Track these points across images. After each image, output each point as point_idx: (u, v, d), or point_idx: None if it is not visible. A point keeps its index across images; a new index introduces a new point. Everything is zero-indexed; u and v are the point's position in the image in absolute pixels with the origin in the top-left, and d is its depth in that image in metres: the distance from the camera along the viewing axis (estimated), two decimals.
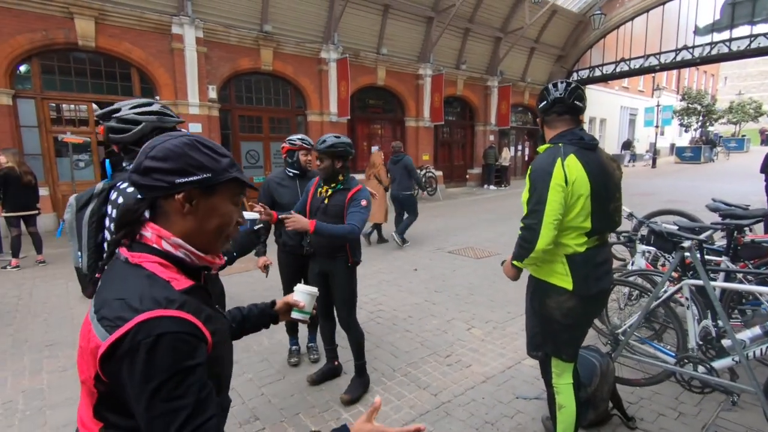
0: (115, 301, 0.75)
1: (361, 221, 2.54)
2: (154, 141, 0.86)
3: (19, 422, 2.63)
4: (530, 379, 3.05)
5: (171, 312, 0.73)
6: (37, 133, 8.55)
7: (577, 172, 1.80)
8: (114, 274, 0.81)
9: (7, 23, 7.79)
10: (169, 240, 0.83)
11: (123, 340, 0.71)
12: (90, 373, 0.75)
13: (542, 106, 1.99)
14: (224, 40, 10.26)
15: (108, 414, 0.78)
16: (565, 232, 1.85)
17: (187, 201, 0.84)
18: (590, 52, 19.39)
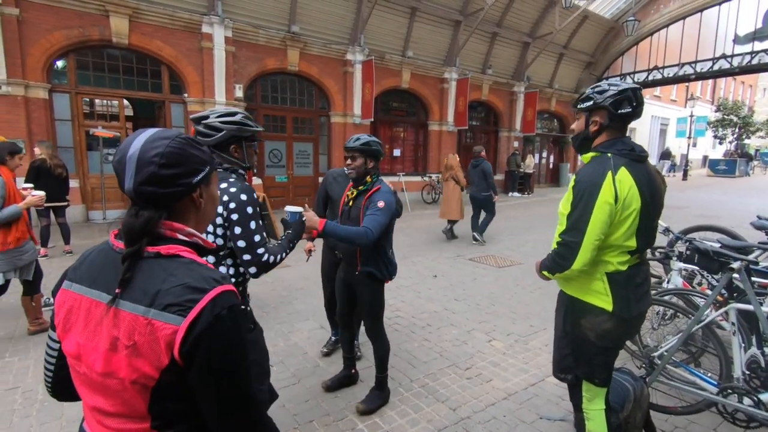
0: (175, 289, 0.77)
1: (376, 224, 2.29)
2: (149, 148, 0.83)
3: (36, 412, 2.65)
4: (554, 398, 2.90)
5: (229, 287, 0.81)
6: (70, 126, 8.81)
7: (628, 189, 1.65)
8: (151, 269, 0.81)
9: (46, 20, 8.06)
10: (183, 231, 0.87)
11: (199, 319, 0.75)
12: (158, 365, 0.75)
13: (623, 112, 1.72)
14: (252, 40, 10.38)
15: (164, 405, 0.79)
16: (607, 250, 1.72)
17: (200, 196, 0.91)
18: (621, 59, 18.88)
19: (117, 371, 0.77)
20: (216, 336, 0.76)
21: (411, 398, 2.88)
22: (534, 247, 7.69)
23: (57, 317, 0.87)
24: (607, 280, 1.74)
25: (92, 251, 0.92)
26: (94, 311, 0.81)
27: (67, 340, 0.85)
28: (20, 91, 7.89)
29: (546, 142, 19.92)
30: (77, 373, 0.85)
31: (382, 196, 2.43)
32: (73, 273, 0.89)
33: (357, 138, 2.52)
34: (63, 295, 0.88)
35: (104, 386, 0.80)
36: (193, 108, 9.84)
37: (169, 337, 0.74)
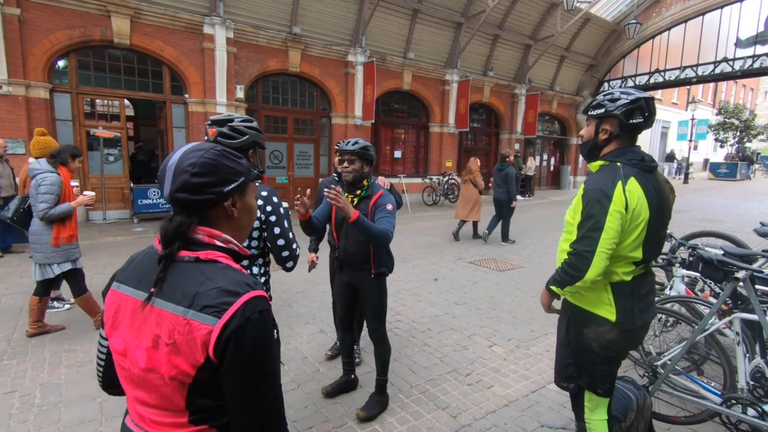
0: (211, 291, 0.82)
1: (392, 225, 2.43)
2: (185, 158, 0.90)
3: (34, 417, 2.62)
4: (556, 406, 2.88)
5: (261, 292, 0.86)
6: (71, 126, 8.80)
7: (638, 199, 1.62)
8: (191, 272, 0.86)
9: (48, 19, 8.05)
10: (220, 238, 0.92)
11: (232, 320, 0.80)
12: (194, 362, 0.80)
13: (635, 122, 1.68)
14: (253, 41, 10.37)
15: (201, 400, 0.84)
16: (613, 260, 1.69)
17: (232, 205, 0.94)
18: (623, 62, 18.85)
19: (158, 367, 0.83)
20: (246, 336, 0.81)
21: (411, 405, 2.86)
22: (534, 250, 7.67)
23: (106, 316, 0.94)
24: (611, 290, 1.72)
25: (139, 254, 0.98)
26: (139, 312, 0.87)
27: (115, 337, 0.91)
28: (21, 91, 7.88)
29: (547, 145, 19.90)
30: (121, 368, 0.92)
31: (389, 199, 2.54)
32: (121, 274, 0.96)
33: (354, 141, 2.50)
34: (112, 295, 0.94)
35: (146, 381, 0.86)
36: (194, 109, 9.83)
37: (205, 336, 0.80)
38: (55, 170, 3.57)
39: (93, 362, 3.30)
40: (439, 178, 14.03)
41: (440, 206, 13.57)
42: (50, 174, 3.51)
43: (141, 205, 9.09)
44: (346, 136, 12.21)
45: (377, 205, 2.51)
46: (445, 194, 13.87)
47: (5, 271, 5.53)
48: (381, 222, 2.42)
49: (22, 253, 6.42)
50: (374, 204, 2.52)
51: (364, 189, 2.56)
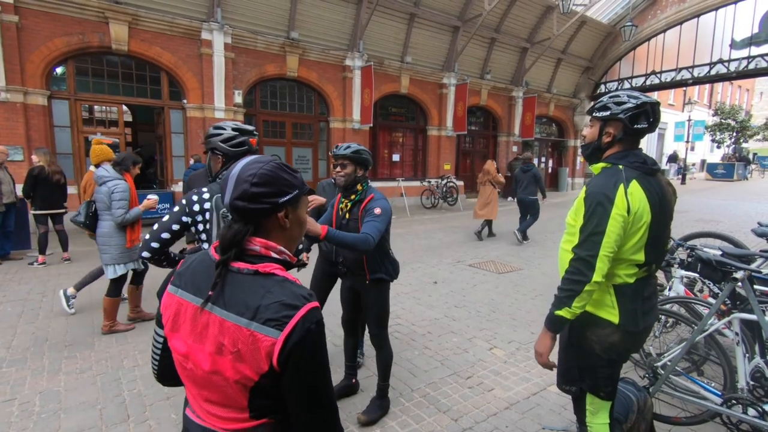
0: (272, 305, 0.88)
1: (375, 230, 2.29)
2: (247, 169, 0.96)
3: (33, 425, 2.61)
4: (557, 408, 2.88)
5: (316, 303, 0.92)
6: (69, 133, 8.81)
7: (640, 202, 1.62)
8: (251, 285, 0.91)
9: (46, 26, 8.07)
10: (275, 249, 0.97)
11: (293, 332, 0.86)
12: (258, 370, 0.87)
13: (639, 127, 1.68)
14: (251, 46, 10.41)
15: (261, 401, 0.92)
16: (617, 263, 1.69)
17: (285, 216, 0.99)
18: (619, 64, 18.96)
19: (223, 371, 0.90)
20: (306, 346, 0.88)
21: (412, 408, 2.86)
22: (534, 252, 7.68)
23: (164, 317, 1.00)
24: (614, 293, 1.72)
25: (194, 260, 1.03)
26: (199, 317, 0.93)
27: (176, 339, 0.97)
28: (19, 98, 7.89)
29: (545, 147, 19.96)
30: (183, 368, 0.98)
31: (378, 204, 2.44)
32: (178, 279, 1.01)
33: (347, 146, 2.47)
34: (169, 298, 1.00)
35: (210, 382, 0.93)
36: (192, 114, 9.84)
37: (268, 348, 0.86)
38: (122, 177, 3.85)
39: (92, 369, 3.30)
40: (438, 181, 14.04)
41: (439, 209, 13.59)
42: (120, 181, 3.80)
43: None
44: (344, 140, 12.24)
45: (366, 209, 2.44)
46: (443, 197, 13.88)
47: (3, 278, 5.51)
48: (366, 225, 2.33)
49: (20, 260, 6.40)
50: (364, 208, 2.46)
51: (359, 193, 2.53)
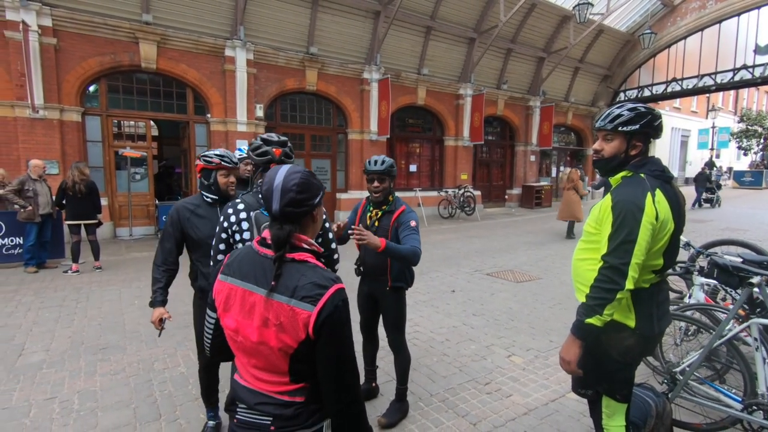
0: (307, 285, 1.09)
1: (418, 242, 2.44)
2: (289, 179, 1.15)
3: (73, 422, 2.77)
4: (576, 414, 2.89)
5: (342, 285, 1.14)
6: (100, 147, 9.24)
7: (665, 210, 1.67)
8: (290, 270, 1.12)
9: (82, 47, 8.55)
10: (307, 242, 1.18)
11: (325, 307, 1.07)
12: (297, 338, 1.08)
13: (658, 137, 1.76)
14: (272, 62, 10.75)
15: (298, 365, 1.12)
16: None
17: (316, 213, 1.22)
18: (639, 72, 18.76)
19: (268, 341, 1.11)
20: (335, 318, 1.08)
21: (431, 412, 2.91)
22: (552, 261, 7.63)
23: (217, 300, 1.22)
24: (630, 298, 1.75)
25: (239, 253, 1.24)
26: (248, 298, 1.14)
27: (227, 317, 1.18)
28: (56, 115, 8.35)
29: (563, 156, 19.80)
30: (234, 341, 1.19)
31: (411, 216, 2.57)
32: (227, 269, 1.21)
33: (383, 161, 2.58)
34: (220, 284, 1.21)
35: (257, 351, 1.14)
36: (215, 128, 10.19)
37: (305, 319, 1.07)
38: None
39: (125, 371, 3.46)
40: (455, 191, 14.08)
41: (456, 219, 13.60)
42: None
43: (165, 221, 9.39)
44: (362, 152, 12.44)
45: (400, 222, 2.55)
46: (461, 207, 13.89)
47: (40, 286, 5.80)
48: (407, 240, 2.44)
49: (55, 268, 6.72)
50: (396, 219, 2.57)
51: (389, 204, 2.65)
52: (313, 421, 1.15)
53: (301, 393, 1.15)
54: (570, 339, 1.79)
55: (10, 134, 8.07)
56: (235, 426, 1.21)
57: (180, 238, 2.40)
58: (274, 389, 1.16)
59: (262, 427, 1.15)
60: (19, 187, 6.32)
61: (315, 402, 1.15)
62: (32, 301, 5.13)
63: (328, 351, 1.10)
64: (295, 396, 1.15)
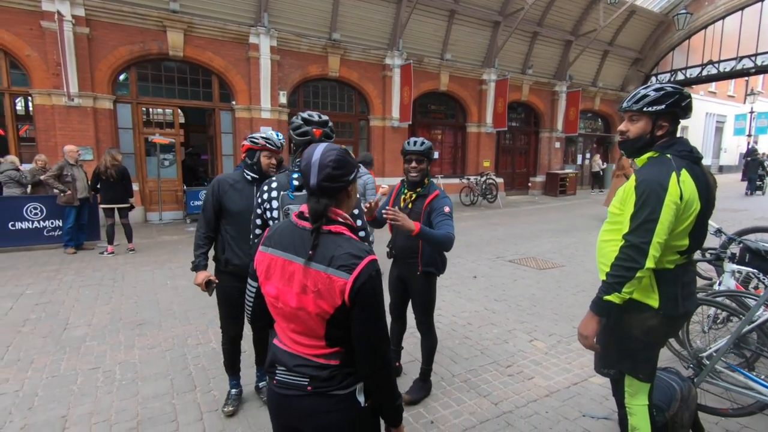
0: (343, 255, 1.16)
1: (452, 228, 2.46)
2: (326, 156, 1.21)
3: (116, 390, 2.96)
4: (598, 398, 2.91)
5: (375, 256, 1.21)
6: (131, 134, 9.55)
7: (690, 190, 1.65)
8: (326, 241, 1.19)
9: (113, 37, 8.80)
10: (342, 216, 1.25)
11: (360, 275, 1.14)
12: (334, 304, 1.16)
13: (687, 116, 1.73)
14: (295, 48, 10.81)
15: (334, 330, 1.20)
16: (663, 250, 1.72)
17: (351, 189, 1.28)
18: (672, 55, 17.98)
19: (306, 307, 1.18)
20: (368, 287, 1.16)
21: (453, 392, 2.98)
22: (576, 249, 7.54)
23: (258, 270, 1.30)
24: (654, 278, 1.76)
25: (279, 226, 1.33)
26: (287, 267, 1.22)
27: (268, 285, 1.27)
28: (89, 103, 8.66)
29: (589, 143, 19.29)
30: (275, 307, 1.27)
31: (445, 202, 2.58)
32: (268, 240, 1.30)
33: (422, 142, 2.61)
34: (261, 255, 1.30)
35: (296, 316, 1.22)
36: (240, 115, 10.37)
37: (341, 286, 1.14)
38: (368, 173, 4.94)
39: (161, 345, 3.66)
40: (477, 179, 13.96)
41: (478, 206, 13.51)
42: (369, 176, 5.03)
43: (193, 206, 9.71)
44: (384, 138, 12.44)
45: (433, 207, 2.56)
46: (483, 194, 13.78)
47: (79, 266, 6.12)
48: (441, 226, 2.45)
49: (92, 249, 7.05)
50: (429, 204, 2.58)
51: (424, 187, 2.67)
52: (347, 383, 1.23)
53: (336, 357, 1.22)
54: (588, 315, 1.83)
55: (48, 122, 8.44)
56: (274, 386, 1.30)
57: (218, 208, 2.55)
58: (311, 352, 1.24)
59: (300, 387, 1.23)
60: (58, 173, 6.63)
61: (349, 366, 1.23)
62: (73, 280, 5.42)
63: (362, 317, 1.17)
64: (330, 359, 1.22)
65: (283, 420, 1.33)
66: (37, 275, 5.60)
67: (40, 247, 7.03)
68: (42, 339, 3.73)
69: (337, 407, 1.23)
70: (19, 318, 4.18)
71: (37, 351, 3.50)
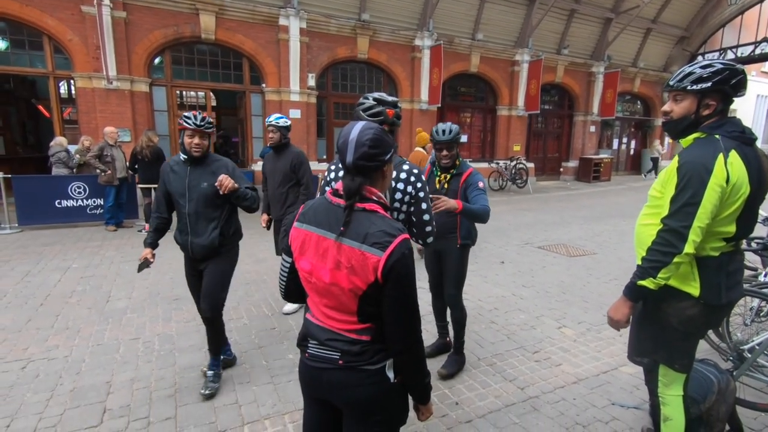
0: (377, 233, 1.17)
1: (487, 201, 2.66)
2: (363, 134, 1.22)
3: (155, 359, 3.13)
4: (628, 387, 2.85)
5: (407, 235, 1.21)
6: (166, 116, 9.81)
7: (739, 173, 1.56)
8: (360, 219, 1.20)
9: (148, 20, 8.99)
10: (377, 195, 1.26)
11: (393, 253, 1.15)
12: (367, 280, 1.17)
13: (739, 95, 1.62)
14: (324, 30, 10.74)
15: (366, 306, 1.22)
16: (705, 235, 1.64)
17: (387, 169, 1.30)
18: (722, 32, 16.80)
19: (339, 282, 1.21)
20: (401, 264, 1.17)
21: (479, 375, 2.99)
22: (609, 237, 7.31)
23: (293, 246, 1.32)
24: (696, 265, 1.68)
25: (313, 203, 1.34)
26: (321, 243, 1.24)
27: (303, 261, 1.29)
28: (127, 86, 8.93)
29: (627, 127, 18.46)
30: (308, 282, 1.30)
31: (479, 177, 2.77)
32: (303, 217, 1.32)
33: (450, 130, 2.73)
34: (296, 231, 1.32)
35: (329, 291, 1.24)
36: (270, 98, 10.47)
37: (374, 263, 1.16)
38: None
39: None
40: (507, 163, 13.65)
41: (507, 191, 13.25)
42: None
43: None
44: (412, 122, 12.30)
45: (468, 183, 2.74)
46: (512, 179, 13.49)
47: (120, 242, 6.42)
48: (477, 199, 2.65)
49: (131, 227, 7.38)
50: (465, 181, 2.76)
51: (456, 168, 2.82)
52: (378, 359, 1.25)
53: (367, 332, 1.25)
54: (621, 300, 1.79)
55: (89, 104, 8.78)
56: (306, 359, 1.34)
57: (164, 189, 2.70)
58: (343, 327, 1.26)
59: (331, 360, 1.27)
60: (99, 153, 6.93)
61: (379, 342, 1.25)
62: (114, 256, 5.71)
63: (394, 294, 1.18)
64: (361, 335, 1.24)
65: (313, 392, 1.37)
66: (82, 250, 5.93)
67: (83, 224, 7.41)
68: (87, 310, 3.96)
69: (367, 382, 1.25)
70: (67, 290, 4.45)
71: (83, 321, 3.73)
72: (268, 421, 2.46)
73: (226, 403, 2.64)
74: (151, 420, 2.47)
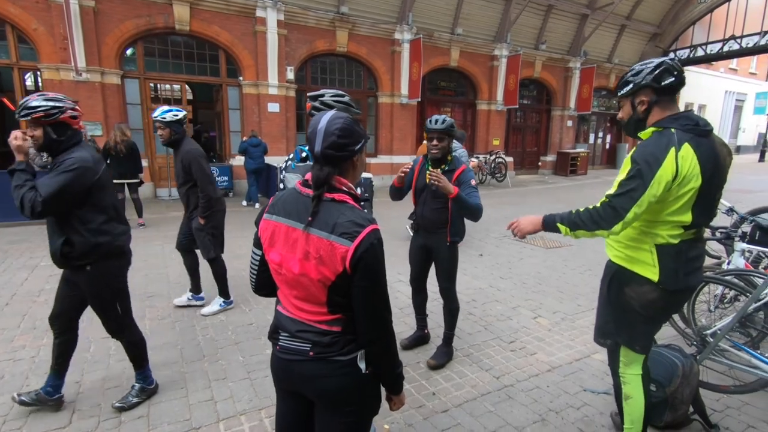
0: (345, 223, 1.17)
1: (480, 199, 2.70)
2: (332, 124, 1.20)
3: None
4: (599, 373, 2.93)
5: (377, 225, 1.21)
6: (139, 110, 9.53)
7: (690, 166, 1.63)
8: (329, 209, 1.20)
9: (119, 10, 8.69)
10: (347, 185, 1.25)
11: (361, 243, 1.15)
12: (335, 271, 1.17)
13: (668, 83, 1.70)
14: (303, 22, 10.59)
15: (335, 297, 1.22)
16: (658, 224, 1.73)
17: (357, 160, 1.28)
18: (692, 29, 17.31)
19: (308, 273, 1.20)
20: (370, 255, 1.17)
21: (455, 365, 3.03)
22: None
23: (263, 238, 1.31)
24: (655, 252, 1.75)
25: (283, 195, 1.34)
26: (291, 234, 1.24)
27: (272, 252, 1.28)
28: (97, 78, 8.64)
29: (603, 122, 18.88)
30: (278, 274, 1.29)
31: (471, 175, 2.76)
32: (272, 208, 1.31)
33: (443, 120, 2.70)
34: (266, 223, 1.31)
35: (298, 282, 1.24)
36: (247, 91, 10.28)
37: (343, 253, 1.16)
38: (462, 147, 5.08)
39: (171, 317, 3.74)
40: (486, 157, 13.79)
41: (486, 185, 13.40)
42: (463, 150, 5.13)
43: None
44: (392, 115, 12.29)
45: (461, 181, 2.71)
46: (491, 173, 13.64)
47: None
48: (471, 197, 2.66)
49: None
50: (457, 178, 2.72)
51: (448, 163, 2.78)
52: (349, 350, 1.25)
53: (338, 323, 1.25)
54: (536, 220, 1.97)
55: None
56: (278, 352, 1.33)
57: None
58: (313, 318, 1.26)
59: (302, 352, 1.26)
60: None
61: (350, 333, 1.25)
62: None
63: (363, 284, 1.18)
64: (332, 326, 1.24)
65: (285, 384, 1.36)
66: None
67: None
68: None
69: (338, 372, 1.25)
70: (35, 288, 4.29)
71: None
72: (244, 417, 2.44)
73: (201, 399, 2.60)
74: (122, 419, 2.41)
